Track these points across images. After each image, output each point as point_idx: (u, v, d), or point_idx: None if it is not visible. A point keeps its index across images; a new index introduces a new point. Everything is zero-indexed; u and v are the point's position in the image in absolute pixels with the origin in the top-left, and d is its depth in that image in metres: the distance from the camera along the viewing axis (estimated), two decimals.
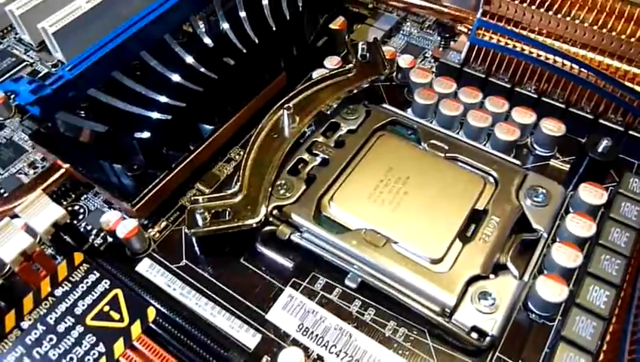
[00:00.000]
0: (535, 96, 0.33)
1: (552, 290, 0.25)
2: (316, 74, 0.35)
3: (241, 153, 0.31)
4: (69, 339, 0.25)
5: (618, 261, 0.26)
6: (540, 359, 0.25)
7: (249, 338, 0.26)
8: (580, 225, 0.27)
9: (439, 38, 0.40)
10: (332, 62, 0.36)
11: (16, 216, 0.27)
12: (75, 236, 0.29)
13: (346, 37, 0.39)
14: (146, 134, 0.29)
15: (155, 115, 0.30)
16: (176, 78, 0.32)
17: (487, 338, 0.25)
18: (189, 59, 0.33)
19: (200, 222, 0.27)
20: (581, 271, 0.27)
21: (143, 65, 0.33)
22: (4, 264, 0.26)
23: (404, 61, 0.36)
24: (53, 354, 0.24)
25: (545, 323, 0.26)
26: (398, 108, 0.34)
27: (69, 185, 0.32)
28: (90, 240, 0.30)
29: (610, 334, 0.24)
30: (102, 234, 0.30)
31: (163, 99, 0.30)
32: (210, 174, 0.32)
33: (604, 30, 0.31)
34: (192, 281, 0.28)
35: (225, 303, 0.27)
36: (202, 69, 0.32)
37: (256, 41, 0.34)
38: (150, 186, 0.29)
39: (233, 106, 0.33)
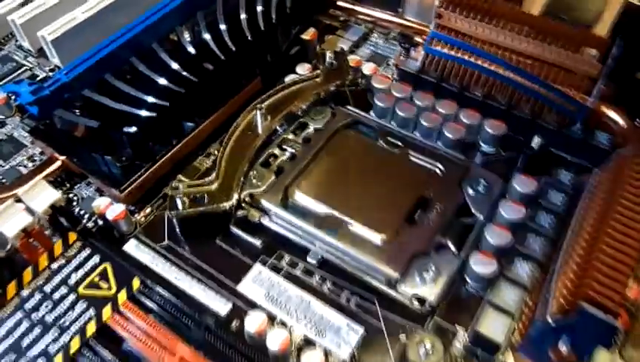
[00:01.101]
0: (481, 99, 0.37)
1: (484, 265, 0.29)
2: (288, 79, 0.39)
3: (219, 148, 0.34)
4: (63, 305, 0.29)
5: (543, 241, 0.31)
6: (472, 323, 0.29)
7: (221, 306, 0.30)
8: (512, 210, 0.31)
9: (401, 48, 0.45)
10: (303, 68, 0.40)
11: (19, 200, 0.31)
12: (70, 218, 0.33)
13: (317, 46, 0.43)
14: (133, 129, 0.32)
15: (142, 112, 0.34)
16: (161, 81, 0.36)
17: (427, 306, 0.29)
18: (174, 65, 0.37)
19: (180, 206, 0.31)
20: (511, 250, 0.31)
21: (132, 70, 0.37)
22: (7, 239, 0.29)
23: (367, 68, 0.40)
24: (49, 318, 0.28)
25: (479, 294, 0.30)
26: (361, 110, 0.38)
27: (65, 176, 0.36)
28: (83, 223, 0.33)
29: (532, 302, 0.28)
30: (93, 218, 0.34)
31: (149, 99, 0.34)
32: (191, 167, 0.36)
33: (540, 41, 0.36)
34: (173, 259, 0.32)
35: (201, 277, 0.31)
36: (185, 73, 0.36)
37: (234, 49, 0.38)
38: (136, 175, 0.33)
39: (212, 106, 0.37)
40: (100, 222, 0.33)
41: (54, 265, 0.30)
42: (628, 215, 0.25)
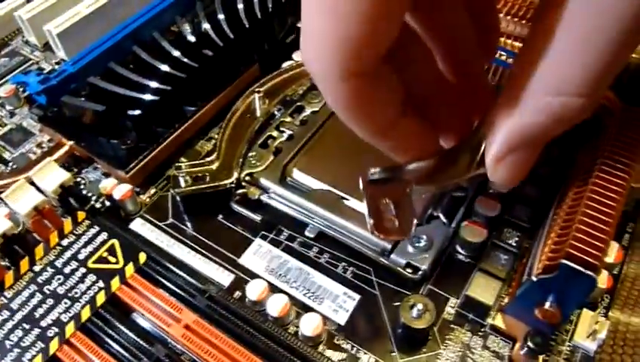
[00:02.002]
0: None
1: (473, 234, 0.31)
2: (285, 65, 0.41)
3: (220, 131, 0.36)
4: (73, 278, 0.30)
5: (529, 209, 0.32)
6: (464, 289, 0.30)
7: (224, 277, 0.31)
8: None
9: None
10: (300, 55, 0.42)
11: (32, 183, 0.32)
12: (78, 199, 0.34)
13: None
14: (137, 112, 0.34)
15: (145, 96, 0.35)
16: (163, 67, 0.38)
17: (420, 273, 0.30)
18: (175, 52, 0.39)
19: (183, 184, 0.33)
20: (499, 219, 0.32)
21: (135, 59, 0.39)
22: (20, 218, 0.31)
23: None
24: (61, 290, 0.30)
25: (470, 262, 0.31)
26: None
27: (72, 161, 0.37)
28: (91, 203, 0.35)
29: (521, 267, 0.30)
30: (101, 200, 0.35)
31: (152, 84, 0.36)
32: (193, 150, 0.37)
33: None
34: (177, 235, 0.33)
35: (204, 251, 0.32)
36: (185, 60, 0.38)
37: (232, 36, 0.40)
38: (141, 157, 0.34)
39: (212, 92, 0.38)
40: (107, 203, 0.35)
41: (64, 242, 0.32)
42: (606, 180, 0.26)
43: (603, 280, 0.29)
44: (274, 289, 0.30)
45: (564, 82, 0.19)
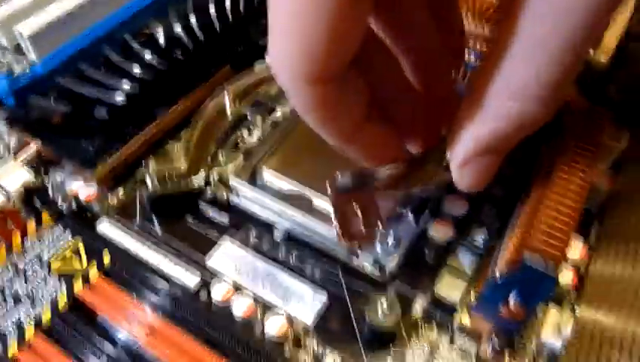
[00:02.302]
0: None
1: (441, 232, 0.31)
2: (258, 66, 0.41)
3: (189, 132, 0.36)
4: (35, 280, 0.30)
5: (495, 209, 0.32)
6: (431, 287, 0.30)
7: (191, 279, 0.31)
8: None
9: None
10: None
11: None
12: (44, 200, 0.34)
13: None
14: (104, 113, 0.34)
15: (114, 97, 0.35)
16: (133, 69, 0.37)
17: (387, 272, 0.30)
18: (146, 55, 0.39)
19: (150, 185, 0.32)
20: (467, 218, 0.32)
21: (106, 61, 0.38)
22: None
23: None
24: (22, 291, 0.29)
25: (437, 261, 0.31)
26: None
27: (39, 162, 0.37)
28: (56, 205, 0.34)
29: (486, 265, 0.30)
30: (67, 201, 0.35)
31: (121, 85, 0.35)
32: (162, 151, 0.37)
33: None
34: (144, 237, 0.33)
35: (171, 253, 0.32)
36: (155, 62, 0.37)
37: (202, 39, 0.39)
38: (109, 157, 0.34)
39: (183, 93, 0.38)
40: (73, 204, 0.34)
41: (27, 243, 0.31)
42: (567, 177, 0.26)
43: (569, 277, 0.29)
44: (240, 289, 0.30)
45: (522, 88, 0.19)
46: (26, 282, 0.29)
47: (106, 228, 0.33)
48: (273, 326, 0.27)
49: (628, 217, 0.35)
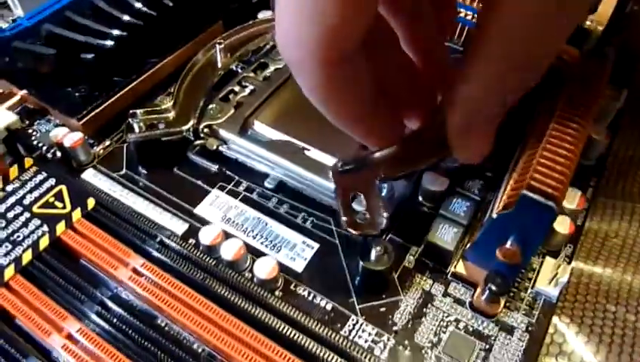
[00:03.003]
0: None
1: (435, 182, 0.30)
2: (262, 15, 0.40)
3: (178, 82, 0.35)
4: (16, 223, 0.28)
5: (492, 158, 0.31)
6: (427, 235, 0.29)
7: (178, 226, 0.30)
8: None
9: None
10: (265, 15, 0.41)
11: None
12: (28, 147, 0.32)
13: None
14: (90, 56, 0.33)
15: (100, 42, 0.34)
16: (121, 15, 0.36)
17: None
18: (136, 3, 0.37)
19: (137, 130, 0.31)
20: (461, 170, 0.31)
21: (93, 9, 0.37)
22: None
23: None
24: (2, 234, 0.28)
25: (432, 213, 0.30)
26: None
27: (25, 112, 0.35)
28: (41, 151, 0.33)
29: (481, 213, 0.29)
30: (52, 150, 0.34)
31: (109, 31, 0.34)
32: (151, 104, 0.36)
33: None
34: (131, 185, 0.32)
35: (158, 201, 0.31)
36: (144, 8, 0.36)
37: None
38: (94, 105, 0.33)
39: (173, 46, 0.37)
40: (59, 154, 0.33)
41: (9, 188, 0.30)
42: (565, 122, 0.26)
43: (566, 225, 0.28)
44: (229, 237, 0.29)
45: (511, 58, 0.21)
46: (6, 225, 0.28)
47: (91, 176, 0.32)
48: (261, 270, 0.26)
49: (624, 176, 0.34)
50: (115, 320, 0.25)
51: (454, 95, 0.23)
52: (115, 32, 0.34)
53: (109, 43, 0.34)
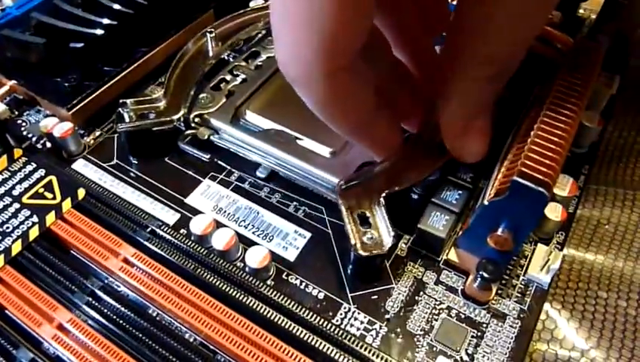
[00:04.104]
0: None
1: None
2: (253, 3, 0.40)
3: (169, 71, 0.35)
4: (5, 213, 0.28)
5: None
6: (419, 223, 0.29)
7: (169, 216, 0.30)
8: None
9: None
10: (256, 3, 0.40)
11: None
12: (17, 138, 0.32)
13: None
14: (80, 45, 0.32)
15: (89, 31, 0.33)
16: (111, 4, 0.36)
17: None
18: None
19: (127, 120, 0.31)
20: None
21: None
22: None
23: None
24: None
25: (424, 201, 0.30)
26: None
27: (14, 103, 0.35)
28: (30, 141, 0.33)
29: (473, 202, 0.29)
30: (42, 141, 0.33)
31: (98, 19, 0.34)
32: (141, 94, 0.36)
33: None
34: (122, 176, 0.32)
35: (149, 191, 0.31)
36: None
37: None
38: (84, 95, 0.33)
39: (164, 35, 0.37)
40: (48, 144, 0.33)
41: None
42: (558, 109, 0.26)
43: (558, 212, 0.28)
44: (221, 226, 0.29)
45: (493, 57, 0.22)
46: None
47: (81, 166, 0.32)
48: (253, 258, 0.26)
49: (616, 164, 0.34)
50: (106, 311, 0.25)
51: (445, 92, 0.24)
52: (105, 20, 0.34)
53: (99, 32, 0.33)
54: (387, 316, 0.26)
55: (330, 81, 0.21)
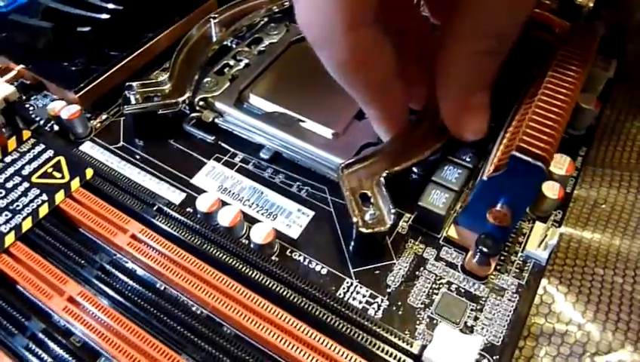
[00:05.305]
0: None
1: None
2: None
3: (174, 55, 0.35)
4: (15, 192, 0.29)
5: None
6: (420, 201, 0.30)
7: (175, 196, 0.30)
8: None
9: None
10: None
11: None
12: (25, 120, 0.33)
13: None
14: (87, 29, 0.33)
15: (96, 15, 0.34)
16: None
17: None
18: None
19: (133, 102, 0.32)
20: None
21: None
22: None
23: None
24: (2, 203, 0.28)
25: (424, 181, 0.31)
26: None
27: (22, 88, 0.36)
28: (38, 123, 0.34)
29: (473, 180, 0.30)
30: (50, 124, 0.34)
31: (104, 4, 0.35)
32: (147, 79, 0.36)
33: None
34: (128, 157, 0.32)
35: (155, 172, 0.31)
36: None
37: None
38: (91, 78, 0.33)
39: (168, 20, 0.37)
40: (56, 127, 0.34)
41: (7, 159, 0.30)
42: (555, 83, 0.26)
43: (555, 191, 0.29)
44: (226, 205, 0.30)
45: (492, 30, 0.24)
46: (6, 195, 0.29)
47: (88, 148, 0.33)
48: (257, 235, 0.27)
49: (613, 146, 0.35)
50: (115, 284, 0.26)
51: (445, 67, 0.25)
52: (111, 5, 0.34)
53: (105, 16, 0.34)
54: (389, 290, 0.27)
55: (352, 37, 0.21)
